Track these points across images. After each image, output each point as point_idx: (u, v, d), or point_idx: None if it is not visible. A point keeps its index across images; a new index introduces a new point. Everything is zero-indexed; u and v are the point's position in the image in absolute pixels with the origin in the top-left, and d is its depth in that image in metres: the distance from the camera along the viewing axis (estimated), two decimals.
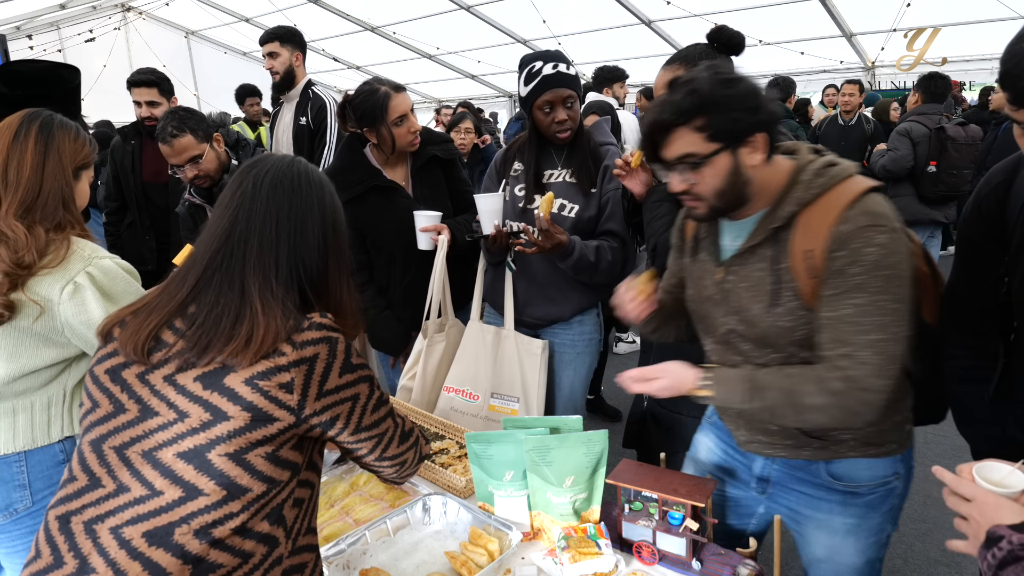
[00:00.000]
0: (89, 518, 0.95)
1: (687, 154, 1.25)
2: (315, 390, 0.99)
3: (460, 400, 2.24)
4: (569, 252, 2.00)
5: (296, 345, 0.98)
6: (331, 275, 1.11)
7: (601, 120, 2.31)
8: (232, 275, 1.03)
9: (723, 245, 1.42)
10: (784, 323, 1.29)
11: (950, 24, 6.68)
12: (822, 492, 1.43)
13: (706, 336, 1.51)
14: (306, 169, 1.13)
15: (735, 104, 1.22)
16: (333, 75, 11.84)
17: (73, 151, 1.58)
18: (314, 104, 3.53)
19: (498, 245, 2.09)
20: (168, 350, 1.00)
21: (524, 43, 9.43)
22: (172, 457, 0.94)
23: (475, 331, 2.25)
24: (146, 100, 3.22)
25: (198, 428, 0.95)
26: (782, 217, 1.27)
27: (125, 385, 1.01)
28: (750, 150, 1.25)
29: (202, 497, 0.93)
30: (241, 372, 0.96)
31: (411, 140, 2.26)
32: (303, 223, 1.07)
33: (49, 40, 8.85)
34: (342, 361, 1.02)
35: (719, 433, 1.62)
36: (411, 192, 2.33)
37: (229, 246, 1.05)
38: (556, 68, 2.02)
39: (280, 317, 1.00)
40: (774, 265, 1.29)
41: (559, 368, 2.24)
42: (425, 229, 2.19)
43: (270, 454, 0.97)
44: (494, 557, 1.40)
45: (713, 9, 7.13)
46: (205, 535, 0.92)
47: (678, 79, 1.28)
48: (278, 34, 3.55)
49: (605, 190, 2.12)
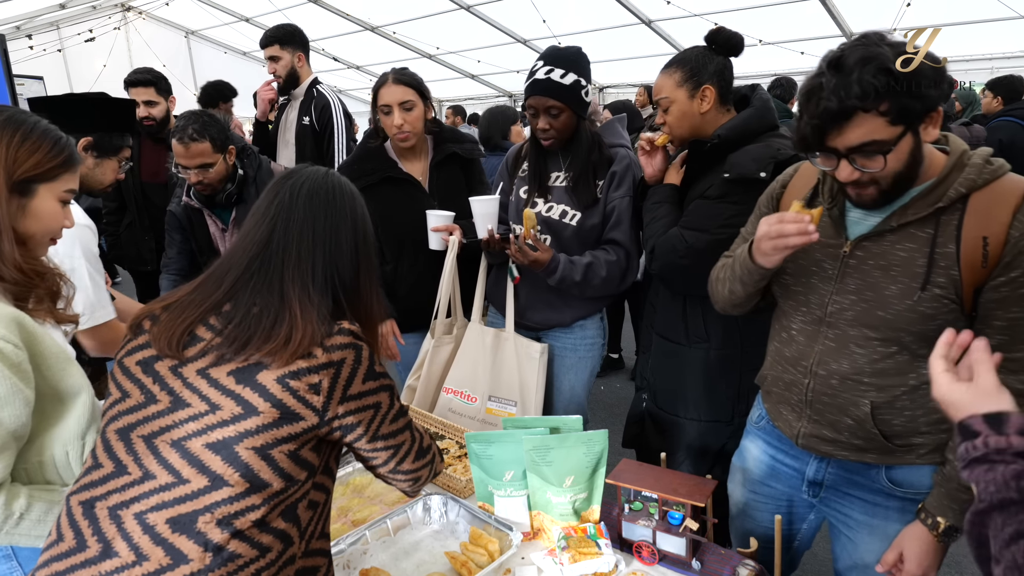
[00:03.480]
0: (114, 504, 0.98)
1: (870, 142, 1.13)
2: (340, 393, 1.03)
3: (458, 401, 2.23)
4: (552, 271, 1.97)
5: (326, 349, 1.02)
6: (363, 283, 1.16)
7: (615, 119, 2.24)
8: (271, 280, 1.08)
9: (851, 219, 1.31)
10: (925, 309, 1.21)
11: (950, 24, 6.67)
12: (880, 498, 1.39)
13: (797, 314, 1.40)
14: (339, 182, 1.18)
15: (923, 79, 1.09)
16: (333, 75, 11.82)
17: (14, 159, 1.20)
18: (317, 104, 3.48)
19: (491, 249, 2.08)
20: (204, 344, 1.04)
21: (524, 43, 9.42)
22: (200, 447, 0.98)
23: (475, 333, 2.24)
24: (144, 100, 3.22)
25: (228, 420, 0.98)
26: (949, 197, 1.18)
27: (158, 377, 1.04)
28: (928, 125, 1.16)
29: (226, 487, 0.96)
30: (274, 370, 0.99)
31: (395, 133, 2.22)
32: (337, 233, 1.13)
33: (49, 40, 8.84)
34: (367, 368, 1.06)
35: (767, 438, 1.56)
36: (427, 188, 2.32)
37: (268, 253, 1.09)
38: (549, 74, 1.93)
39: (316, 321, 1.04)
40: (933, 247, 1.20)
41: (559, 372, 2.22)
42: (437, 229, 2.16)
43: (292, 452, 1.01)
44: (494, 557, 1.40)
45: (713, 9, 7.12)
46: (227, 525, 0.95)
47: (841, 54, 1.14)
48: (277, 37, 3.50)
49: (611, 197, 2.05)
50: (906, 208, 1.23)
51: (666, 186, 1.89)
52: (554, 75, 1.93)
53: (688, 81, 1.76)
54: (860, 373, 1.31)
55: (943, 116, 1.18)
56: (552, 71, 1.93)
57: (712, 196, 1.75)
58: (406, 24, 9.50)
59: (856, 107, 1.10)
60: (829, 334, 1.34)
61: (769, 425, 1.55)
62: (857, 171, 1.17)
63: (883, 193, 1.21)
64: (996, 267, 1.15)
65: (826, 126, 1.14)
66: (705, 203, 1.76)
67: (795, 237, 1.24)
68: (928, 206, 1.20)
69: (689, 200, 1.84)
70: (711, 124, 1.79)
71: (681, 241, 1.75)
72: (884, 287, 1.25)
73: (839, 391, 1.34)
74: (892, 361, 1.28)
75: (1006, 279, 1.15)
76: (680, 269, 1.78)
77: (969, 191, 1.18)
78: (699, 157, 1.80)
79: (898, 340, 1.26)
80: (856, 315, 1.29)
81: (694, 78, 1.76)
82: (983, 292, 1.18)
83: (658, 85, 1.81)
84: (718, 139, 1.74)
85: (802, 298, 1.38)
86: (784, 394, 1.45)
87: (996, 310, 1.17)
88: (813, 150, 1.20)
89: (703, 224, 1.74)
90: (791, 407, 1.44)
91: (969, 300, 1.20)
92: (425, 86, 2.29)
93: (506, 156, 2.30)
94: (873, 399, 1.30)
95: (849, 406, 1.33)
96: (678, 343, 1.92)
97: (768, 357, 1.53)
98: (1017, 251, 1.14)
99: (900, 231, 1.24)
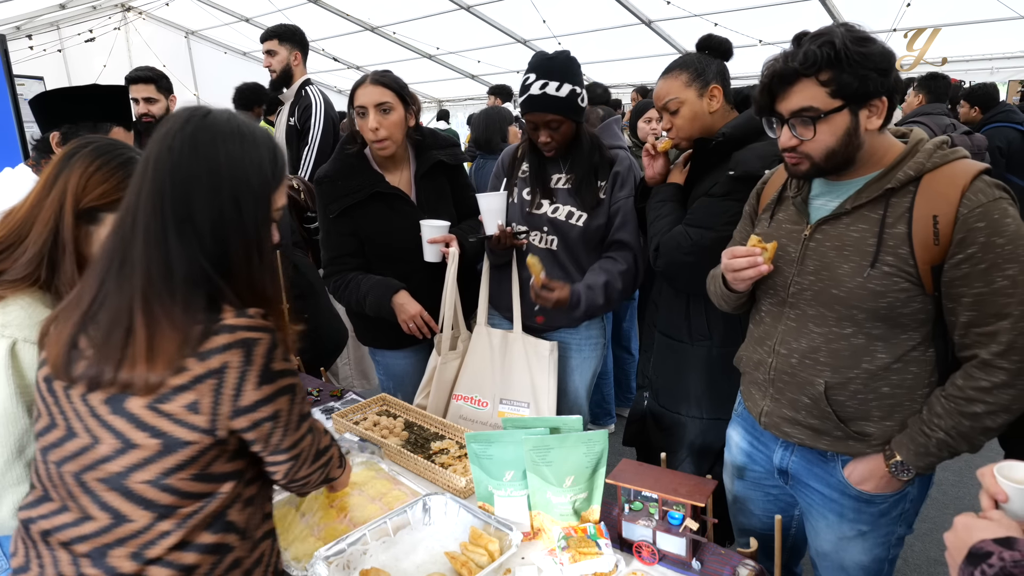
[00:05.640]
0: (43, 530, 0.93)
1: (806, 107, 1.23)
2: (227, 408, 0.88)
3: (469, 408, 2.20)
4: (575, 305, 1.95)
5: (200, 356, 0.86)
6: (236, 257, 0.92)
7: (611, 121, 2.24)
8: (122, 280, 0.89)
9: (815, 205, 1.40)
10: (875, 286, 1.26)
11: (950, 24, 6.66)
12: (835, 494, 1.42)
13: (765, 297, 1.48)
14: (194, 130, 0.91)
15: (867, 63, 1.18)
16: (333, 75, 11.83)
17: (83, 186, 1.24)
18: (302, 105, 3.49)
19: (502, 245, 2.05)
20: (85, 363, 0.89)
21: (524, 43, 9.42)
22: (95, 482, 0.90)
23: (481, 336, 2.21)
24: (143, 97, 3.21)
25: (111, 455, 0.88)
26: (898, 179, 1.24)
27: (56, 399, 0.94)
28: (870, 113, 1.23)
29: (128, 524, 0.88)
30: (141, 396, 0.86)
31: (371, 138, 2.10)
32: (188, 201, 0.88)
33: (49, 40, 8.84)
34: (260, 369, 0.89)
35: (744, 424, 1.61)
36: (414, 199, 2.24)
37: (119, 242, 0.91)
38: (544, 89, 1.91)
39: (181, 325, 0.86)
40: (882, 226, 1.26)
41: (564, 372, 2.21)
42: (434, 241, 2.11)
43: (197, 474, 0.90)
44: (494, 557, 1.40)
45: (713, 9, 7.12)
46: (138, 557, 0.88)
47: (806, 32, 1.25)
48: (277, 32, 3.53)
49: (616, 198, 2.05)
50: (860, 192, 1.29)
51: (670, 185, 1.90)
52: (549, 89, 1.92)
53: (696, 81, 1.78)
54: (816, 352, 1.36)
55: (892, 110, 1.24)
56: (547, 85, 1.92)
57: (717, 194, 1.76)
58: (406, 24, 9.50)
59: (797, 71, 1.21)
60: (791, 314, 1.41)
61: (745, 412, 1.59)
62: (795, 138, 1.27)
63: (815, 167, 1.29)
64: (951, 245, 1.20)
65: (773, 87, 1.25)
66: (710, 200, 1.77)
67: (747, 271, 1.36)
68: (879, 189, 1.27)
69: (693, 198, 1.85)
70: (719, 123, 1.81)
71: (686, 238, 1.76)
72: (838, 266, 1.31)
73: (797, 369, 1.39)
74: (847, 343, 1.33)
75: (964, 256, 1.19)
76: (685, 266, 1.78)
77: (919, 174, 1.24)
78: (703, 155, 1.81)
79: (852, 318, 1.31)
80: (814, 295, 1.35)
81: (701, 78, 1.78)
82: (944, 270, 1.22)
83: (664, 88, 1.81)
84: (722, 137, 1.75)
85: (769, 281, 1.45)
86: (753, 374, 1.52)
87: (961, 287, 1.21)
88: (765, 113, 1.31)
89: (708, 221, 1.74)
90: (757, 386, 1.51)
91: (928, 278, 1.24)
92: (408, 91, 2.15)
93: (500, 157, 2.27)
94: (828, 379, 1.35)
95: (806, 384, 1.38)
96: (681, 341, 1.92)
97: (745, 339, 1.59)
98: (967, 228, 1.18)
99: (854, 213, 1.30)
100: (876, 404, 1.34)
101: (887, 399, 1.33)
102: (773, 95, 1.26)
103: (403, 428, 2.01)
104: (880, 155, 1.28)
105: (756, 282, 1.48)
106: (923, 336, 1.30)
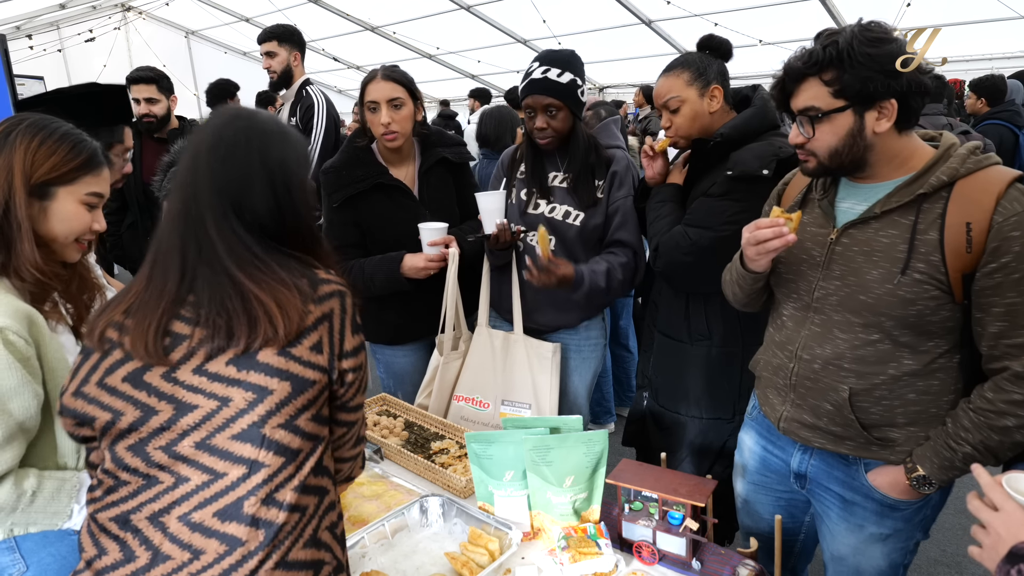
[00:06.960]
0: (151, 513, 0.97)
1: (809, 107, 1.24)
2: (338, 348, 1.02)
3: (470, 409, 2.20)
4: (579, 284, 1.94)
5: (316, 301, 0.99)
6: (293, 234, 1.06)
7: (609, 121, 2.25)
8: (211, 260, 0.99)
9: (841, 208, 1.36)
10: (905, 293, 1.23)
11: (950, 24, 6.67)
12: (858, 498, 1.40)
13: (788, 301, 1.46)
14: (246, 126, 1.04)
15: (872, 64, 1.17)
16: (333, 75, 11.84)
17: (31, 162, 1.23)
18: (303, 104, 3.48)
19: (501, 245, 2.04)
20: (189, 342, 0.98)
21: (524, 43, 9.43)
22: (227, 440, 0.97)
23: (483, 337, 2.20)
24: (144, 97, 3.21)
25: (245, 409, 0.97)
26: (931, 185, 1.22)
27: (152, 389, 0.98)
28: (879, 115, 1.21)
29: (264, 469, 0.96)
30: (273, 346, 0.97)
31: (381, 132, 2.11)
32: (246, 192, 1.01)
33: (49, 40, 8.85)
34: (352, 319, 1.03)
35: (759, 428, 1.59)
36: (417, 194, 2.24)
37: (188, 229, 1.00)
38: (545, 72, 1.93)
39: (289, 282, 0.98)
40: (914, 232, 1.23)
41: (564, 373, 2.20)
42: (433, 243, 2.10)
43: (316, 415, 1.01)
44: (494, 557, 1.40)
45: (713, 9, 7.12)
46: (272, 501, 0.96)
47: (827, 30, 1.25)
48: (276, 33, 3.52)
49: (614, 198, 2.04)
50: (890, 196, 1.27)
51: (670, 185, 1.90)
52: (551, 74, 1.93)
53: (697, 80, 1.78)
54: (841, 358, 1.34)
55: (909, 112, 1.21)
56: (548, 71, 1.94)
57: (715, 194, 1.76)
58: (406, 24, 9.52)
59: (802, 70, 1.22)
60: (815, 319, 1.38)
61: (761, 415, 1.57)
62: (801, 136, 1.28)
63: (822, 166, 1.29)
64: (984, 254, 1.18)
65: (785, 85, 1.27)
66: (708, 200, 1.77)
67: (772, 241, 1.31)
68: (910, 193, 1.24)
69: (692, 199, 1.85)
70: (718, 123, 1.81)
71: (685, 238, 1.76)
72: (866, 272, 1.28)
73: (820, 375, 1.37)
74: (873, 349, 1.30)
75: (997, 265, 1.17)
76: (684, 266, 1.78)
77: (952, 179, 1.21)
78: (702, 156, 1.81)
79: (879, 326, 1.29)
80: (840, 300, 1.33)
81: (702, 77, 1.78)
82: (976, 279, 1.20)
83: (665, 87, 1.81)
84: (721, 137, 1.75)
85: (792, 285, 1.42)
86: (772, 378, 1.50)
87: (992, 296, 1.19)
88: (780, 108, 1.32)
89: (707, 221, 1.74)
90: (776, 391, 1.48)
91: (958, 286, 1.21)
92: (416, 86, 2.20)
93: (500, 159, 2.27)
94: (852, 385, 1.33)
95: (829, 391, 1.36)
96: (680, 341, 1.92)
97: (763, 343, 1.56)
98: (1002, 237, 1.16)
99: (883, 218, 1.28)
100: (901, 411, 1.31)
101: (912, 405, 1.30)
102: (786, 92, 1.27)
103: (403, 428, 2.01)
104: (904, 158, 1.26)
105: (778, 285, 1.46)
106: (951, 344, 1.28)
